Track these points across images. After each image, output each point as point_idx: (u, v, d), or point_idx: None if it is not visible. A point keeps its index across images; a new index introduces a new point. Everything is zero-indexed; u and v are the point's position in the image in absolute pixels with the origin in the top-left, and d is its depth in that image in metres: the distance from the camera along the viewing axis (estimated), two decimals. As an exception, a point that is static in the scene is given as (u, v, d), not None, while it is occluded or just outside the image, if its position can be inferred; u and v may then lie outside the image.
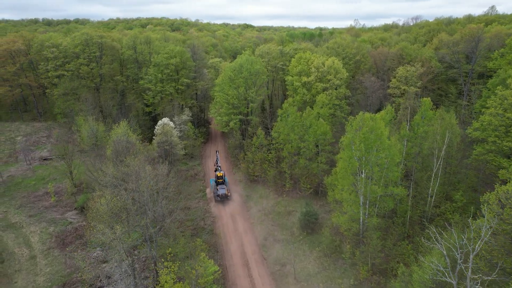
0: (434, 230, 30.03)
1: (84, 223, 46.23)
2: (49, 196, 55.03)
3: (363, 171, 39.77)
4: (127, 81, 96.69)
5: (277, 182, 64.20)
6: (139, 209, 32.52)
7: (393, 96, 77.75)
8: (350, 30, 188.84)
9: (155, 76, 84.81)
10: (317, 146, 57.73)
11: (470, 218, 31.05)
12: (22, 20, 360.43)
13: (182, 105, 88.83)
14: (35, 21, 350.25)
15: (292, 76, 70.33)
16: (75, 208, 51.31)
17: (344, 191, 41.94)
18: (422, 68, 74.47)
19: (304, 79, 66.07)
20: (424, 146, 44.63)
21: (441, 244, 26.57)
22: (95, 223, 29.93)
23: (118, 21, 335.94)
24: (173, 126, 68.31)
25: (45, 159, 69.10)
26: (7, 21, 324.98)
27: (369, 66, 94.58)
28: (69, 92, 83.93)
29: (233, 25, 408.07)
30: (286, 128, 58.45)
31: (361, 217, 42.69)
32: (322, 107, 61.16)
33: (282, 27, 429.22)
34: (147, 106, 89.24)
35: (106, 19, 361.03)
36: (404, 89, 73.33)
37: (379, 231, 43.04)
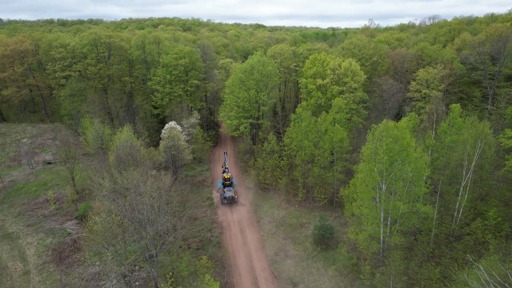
0: (471, 259, 26.07)
1: (83, 234, 43.45)
2: (50, 203, 52.59)
3: (385, 185, 35.93)
4: (135, 82, 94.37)
5: (289, 191, 60.61)
6: (137, 228, 29.41)
7: (413, 100, 73.28)
8: (365, 30, 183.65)
9: (164, 77, 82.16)
10: (332, 153, 53.91)
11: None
12: (38, 20, 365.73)
13: (191, 107, 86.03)
14: (50, 22, 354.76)
15: (306, 79, 66.57)
16: (76, 217, 48.64)
17: (364, 207, 38.10)
18: (444, 70, 69.73)
19: (319, 81, 62.25)
20: (452, 157, 40.42)
21: (489, 285, 22.53)
22: (89, 244, 27.01)
23: (130, 21, 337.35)
24: (180, 130, 65.34)
25: (48, 163, 66.97)
26: (24, 22, 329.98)
27: (386, 68, 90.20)
28: (75, 93, 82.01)
29: (244, 25, 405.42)
30: (299, 134, 54.75)
31: (381, 235, 38.82)
32: (338, 112, 57.28)
33: (294, 27, 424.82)
34: (155, 108, 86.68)
35: (119, 19, 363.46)
36: (425, 93, 68.81)
37: (401, 250, 39.06)
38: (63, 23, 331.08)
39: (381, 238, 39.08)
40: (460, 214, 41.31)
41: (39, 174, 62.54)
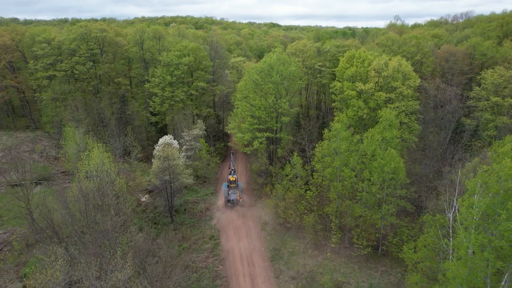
0: None
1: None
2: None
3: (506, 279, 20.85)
4: (131, 84, 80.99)
5: (317, 232, 45.65)
6: None
7: (475, 111, 57.33)
8: (391, 27, 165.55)
9: (164, 79, 68.41)
10: (382, 187, 38.77)
11: None
12: (53, 20, 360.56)
13: (196, 114, 71.97)
14: (65, 21, 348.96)
15: (341, 82, 51.42)
16: (20, 278, 34.65)
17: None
18: (525, 72, 53.60)
19: (360, 86, 47.06)
20: None
21: None
22: None
23: (142, 20, 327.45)
24: (178, 146, 51.37)
25: (14, 185, 53.55)
26: (39, 21, 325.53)
27: (432, 69, 74.42)
28: (59, 97, 69.01)
29: (259, 24, 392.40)
30: (336, 159, 39.82)
31: None
32: (386, 128, 41.94)
33: (310, 27, 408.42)
34: (154, 115, 73.01)
35: (131, 18, 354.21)
36: (495, 101, 52.85)
37: None
38: (76, 22, 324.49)
39: None
40: None
41: (-4, 202, 49.46)
